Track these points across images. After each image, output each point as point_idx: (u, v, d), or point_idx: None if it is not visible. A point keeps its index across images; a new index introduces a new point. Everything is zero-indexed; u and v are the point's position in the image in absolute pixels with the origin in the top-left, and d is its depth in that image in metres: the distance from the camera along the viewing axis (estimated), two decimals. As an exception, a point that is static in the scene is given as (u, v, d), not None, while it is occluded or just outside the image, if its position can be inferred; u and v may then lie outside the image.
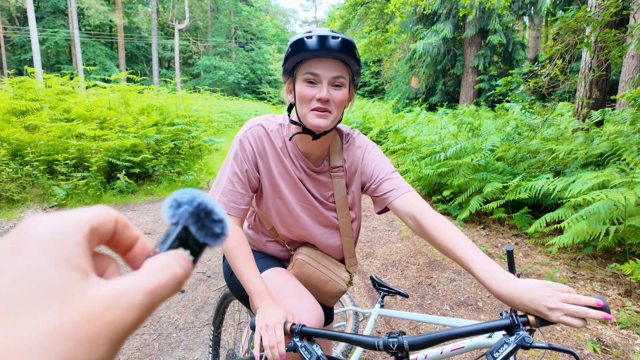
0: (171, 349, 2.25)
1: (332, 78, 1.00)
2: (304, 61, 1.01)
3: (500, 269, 0.80)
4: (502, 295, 0.75)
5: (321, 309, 1.10)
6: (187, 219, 0.28)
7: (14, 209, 4.96)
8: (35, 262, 0.19)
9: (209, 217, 0.28)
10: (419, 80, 14.35)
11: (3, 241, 0.20)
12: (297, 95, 1.03)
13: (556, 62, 4.24)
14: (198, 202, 0.28)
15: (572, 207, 3.16)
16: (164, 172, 6.71)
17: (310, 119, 1.02)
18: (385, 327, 2.39)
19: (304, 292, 1.13)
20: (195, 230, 0.28)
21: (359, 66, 1.05)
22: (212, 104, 15.96)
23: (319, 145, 1.12)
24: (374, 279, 1.95)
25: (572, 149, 3.79)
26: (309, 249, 1.25)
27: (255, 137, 1.12)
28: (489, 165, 4.31)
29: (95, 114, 6.79)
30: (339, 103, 1.03)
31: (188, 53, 36.33)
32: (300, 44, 0.97)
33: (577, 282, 2.77)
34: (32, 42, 20.58)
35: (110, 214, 0.25)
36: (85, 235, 0.22)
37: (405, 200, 1.05)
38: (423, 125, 7.80)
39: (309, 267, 1.20)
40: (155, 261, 0.24)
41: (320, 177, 1.17)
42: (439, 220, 0.96)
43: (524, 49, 13.03)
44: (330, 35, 0.96)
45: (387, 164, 1.15)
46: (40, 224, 0.21)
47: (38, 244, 0.20)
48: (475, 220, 4.05)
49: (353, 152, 1.18)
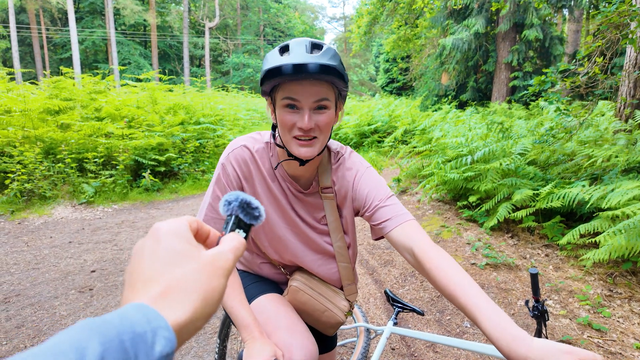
0: (181, 356, 2.23)
1: (313, 102, 0.91)
2: (282, 84, 0.91)
3: (511, 323, 0.67)
4: (511, 357, 0.63)
5: (315, 344, 1.03)
6: (237, 210, 0.45)
7: (46, 206, 5.16)
8: (171, 243, 0.36)
9: (249, 206, 0.45)
10: (449, 77, 13.91)
11: (148, 237, 0.37)
12: (278, 121, 0.95)
13: (596, 60, 3.94)
14: (240, 198, 0.45)
15: (609, 218, 2.91)
16: (188, 170, 6.81)
17: (294, 147, 0.94)
18: (400, 343, 2.28)
19: (297, 324, 1.05)
20: (243, 217, 0.45)
21: (345, 81, 0.94)
22: (240, 101, 16.13)
23: (307, 168, 1.05)
24: (388, 293, 1.84)
25: (611, 154, 3.51)
26: (305, 274, 1.17)
27: (239, 160, 1.04)
28: (519, 170, 4.07)
29: (124, 112, 6.98)
30: (324, 127, 0.94)
31: (218, 51, 36.96)
32: (276, 69, 0.87)
33: (614, 300, 2.55)
34: (71, 41, 21.56)
35: (193, 219, 0.41)
36: (187, 228, 0.39)
37: (403, 232, 0.94)
38: (451, 124, 7.54)
39: (304, 294, 1.12)
40: (226, 238, 0.41)
41: (309, 199, 1.10)
42: (442, 259, 0.85)
43: (562, 43, 12.34)
44: (306, 62, 0.85)
45: (382, 188, 1.04)
46: (164, 224, 0.37)
47: (169, 234, 0.36)
48: (503, 228, 3.83)
49: (343, 174, 1.08)
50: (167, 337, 0.28)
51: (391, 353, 2.18)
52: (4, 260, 3.56)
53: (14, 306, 2.76)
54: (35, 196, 5.23)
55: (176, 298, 0.32)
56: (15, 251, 3.80)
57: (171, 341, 0.28)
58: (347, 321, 2.14)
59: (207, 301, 0.33)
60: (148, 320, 0.28)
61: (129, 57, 28.50)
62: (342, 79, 0.92)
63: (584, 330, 2.27)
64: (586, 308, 2.49)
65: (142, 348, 0.26)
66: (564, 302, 2.58)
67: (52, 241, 4.11)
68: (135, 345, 0.26)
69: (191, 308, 0.32)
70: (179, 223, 0.38)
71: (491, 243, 3.51)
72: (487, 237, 3.66)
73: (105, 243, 4.05)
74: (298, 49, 0.88)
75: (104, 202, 5.54)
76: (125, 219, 4.93)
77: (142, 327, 0.27)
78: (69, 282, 3.14)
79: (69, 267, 3.43)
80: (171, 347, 0.28)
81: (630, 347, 2.10)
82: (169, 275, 0.33)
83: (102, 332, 0.25)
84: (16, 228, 4.49)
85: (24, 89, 7.71)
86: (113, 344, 0.25)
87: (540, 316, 1.27)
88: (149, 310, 0.29)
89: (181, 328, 0.30)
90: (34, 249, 3.87)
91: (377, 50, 27.67)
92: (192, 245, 0.37)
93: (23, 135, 5.59)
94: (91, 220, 4.90)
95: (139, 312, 0.29)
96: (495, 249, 3.38)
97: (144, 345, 0.27)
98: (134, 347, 0.26)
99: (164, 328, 0.29)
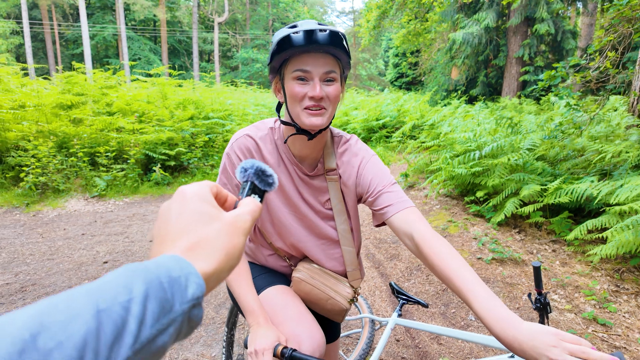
0: (190, 345, 2.29)
1: (323, 73, 0.94)
2: (292, 58, 0.94)
3: (502, 307, 0.70)
4: (501, 338, 0.67)
5: (322, 334, 1.05)
6: (252, 176, 0.49)
7: (59, 198, 5.27)
8: (197, 205, 0.39)
9: (264, 174, 0.50)
10: (459, 72, 13.77)
11: (174, 199, 0.40)
12: (288, 94, 0.97)
13: (607, 54, 3.88)
14: (256, 166, 0.50)
15: (618, 214, 2.90)
16: (198, 165, 6.88)
17: (304, 118, 0.96)
18: (405, 335, 2.31)
19: (304, 314, 1.08)
20: (258, 183, 0.49)
21: (349, 58, 0.99)
22: (248, 96, 16.18)
23: (314, 146, 1.07)
24: (393, 286, 1.87)
25: (621, 150, 3.47)
26: (308, 264, 1.19)
27: (242, 149, 1.08)
28: (527, 166, 4.05)
29: (134, 107, 7.08)
30: (333, 99, 0.97)
31: (227, 46, 37.03)
32: (287, 40, 0.90)
33: (620, 296, 2.54)
34: (83, 37, 21.80)
35: (213, 184, 0.44)
36: (209, 192, 0.42)
37: (404, 218, 0.96)
38: (460, 119, 7.48)
39: (306, 285, 1.14)
40: (244, 202, 0.45)
41: (314, 182, 1.12)
42: (440, 245, 0.87)
43: (574, 37, 12.11)
44: (317, 28, 0.90)
45: (386, 175, 1.06)
46: (189, 188, 0.41)
47: (193, 197, 0.40)
48: (510, 224, 3.83)
49: (349, 159, 1.11)
50: (198, 282, 0.33)
51: (395, 344, 2.21)
52: (20, 251, 3.67)
53: (30, 295, 2.85)
54: (49, 189, 5.35)
55: (203, 252, 0.36)
56: (31, 242, 3.91)
57: (201, 286, 0.33)
58: (352, 312, 2.17)
59: (230, 256, 0.37)
60: (181, 268, 0.32)
61: (139, 52, 28.71)
62: (347, 55, 0.96)
63: (588, 325, 2.28)
64: (592, 303, 2.49)
65: (177, 289, 0.31)
66: (569, 297, 2.58)
67: (65, 233, 4.21)
68: (171, 286, 0.31)
69: (216, 261, 0.36)
70: (202, 187, 0.42)
71: (498, 238, 3.51)
72: (494, 232, 3.66)
73: (117, 235, 4.14)
74: (307, 23, 0.92)
75: (115, 195, 5.64)
76: (136, 212, 5.02)
77: (176, 273, 0.32)
78: (82, 273, 3.23)
79: (82, 258, 3.52)
80: (201, 291, 0.33)
81: (635, 341, 2.10)
82: (195, 233, 0.37)
83: (144, 274, 0.30)
84: (31, 220, 4.61)
85: (38, 84, 7.85)
86: (154, 284, 0.29)
87: (542, 308, 1.29)
88: (181, 260, 0.33)
89: (208, 277, 0.35)
90: (48, 240, 3.98)
91: (387, 44, 27.46)
92: (214, 207, 0.40)
93: (37, 130, 5.71)
94: (103, 213, 5.01)
95: (174, 261, 0.33)
96: (501, 244, 3.38)
97: (178, 287, 0.31)
98: (171, 288, 0.30)
99: (195, 274, 0.33)
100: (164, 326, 0.29)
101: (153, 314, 0.28)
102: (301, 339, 0.99)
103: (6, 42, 25.57)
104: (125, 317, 0.27)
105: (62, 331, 0.24)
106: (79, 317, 0.25)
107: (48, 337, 0.23)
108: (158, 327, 0.28)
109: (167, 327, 0.29)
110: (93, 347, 0.24)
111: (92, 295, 0.27)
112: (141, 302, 0.28)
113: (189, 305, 0.31)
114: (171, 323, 0.30)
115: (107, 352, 0.25)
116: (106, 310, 0.26)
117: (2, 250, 3.66)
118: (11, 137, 5.56)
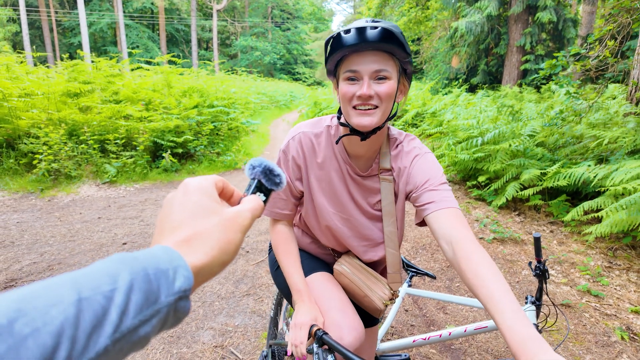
0: (214, 315, 2.47)
1: (373, 72, 0.92)
2: (345, 58, 0.94)
3: (529, 327, 0.63)
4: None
5: (362, 326, 1.08)
6: (259, 175, 0.48)
7: (72, 185, 5.42)
8: (198, 198, 0.40)
9: (272, 173, 0.49)
10: (460, 60, 13.83)
11: (178, 191, 0.42)
12: (340, 95, 0.98)
13: (607, 43, 4.01)
14: (264, 165, 0.49)
15: (612, 196, 3.07)
16: (204, 152, 7.02)
17: (353, 118, 0.96)
18: (413, 306, 2.50)
19: (347, 305, 1.11)
20: (265, 182, 0.49)
21: (408, 54, 0.94)
22: (249, 85, 16.21)
23: (369, 146, 1.05)
24: (403, 260, 2.04)
25: (618, 136, 3.63)
26: (351, 258, 1.20)
27: (297, 147, 1.09)
28: (527, 151, 4.21)
29: (140, 95, 7.18)
30: (385, 97, 0.94)
31: (225, 34, 36.75)
32: (338, 40, 0.91)
33: (613, 271, 2.73)
34: (81, 25, 21.59)
35: (220, 178, 0.45)
36: (213, 186, 0.43)
37: (444, 219, 0.91)
38: (462, 107, 7.61)
39: (345, 278, 1.17)
40: (247, 199, 0.45)
41: (367, 183, 1.11)
42: (479, 253, 0.81)
43: (575, 26, 12.16)
44: (368, 26, 0.88)
45: (437, 173, 1.02)
46: (193, 181, 0.42)
47: (197, 190, 0.41)
48: (510, 207, 4.00)
49: (402, 158, 1.08)
50: (186, 275, 0.33)
51: (405, 314, 2.40)
52: (41, 233, 3.83)
53: (57, 273, 3.02)
54: (61, 175, 5.49)
55: (197, 245, 0.37)
56: (50, 225, 4.06)
57: (189, 279, 0.33)
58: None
59: (223, 251, 0.38)
60: (171, 260, 0.33)
61: (137, 40, 28.53)
62: (404, 49, 0.92)
63: (583, 296, 2.46)
64: (586, 277, 2.68)
65: (164, 282, 0.32)
66: (565, 272, 2.77)
67: (82, 217, 4.37)
68: (158, 278, 0.31)
69: (209, 255, 0.37)
70: (207, 181, 0.42)
71: (499, 220, 3.69)
72: (495, 215, 3.84)
73: (132, 219, 4.30)
74: (358, 22, 0.91)
75: (125, 181, 5.79)
76: (147, 197, 5.18)
77: (165, 265, 0.32)
78: (104, 253, 3.39)
79: (102, 240, 3.68)
80: (189, 284, 0.33)
81: (625, 310, 2.29)
82: (193, 226, 0.38)
83: (131, 265, 0.31)
84: (47, 205, 4.77)
85: (44, 72, 7.92)
86: (140, 275, 0.30)
87: (541, 275, 1.46)
88: (172, 252, 0.34)
89: (199, 270, 0.35)
90: (66, 223, 4.14)
91: (387, 32, 27.29)
92: (216, 201, 0.41)
93: (47, 118, 5.82)
94: (115, 198, 5.16)
95: (164, 253, 0.34)
96: (502, 225, 3.56)
97: (165, 279, 0.32)
98: (157, 280, 0.31)
99: (184, 268, 0.34)
100: (147, 317, 0.29)
101: (136, 305, 0.29)
102: (342, 330, 1.02)
103: (3, 29, 25.38)
104: (107, 307, 0.27)
105: (39, 318, 0.24)
106: (59, 305, 0.25)
107: (24, 322, 0.23)
108: (141, 317, 0.29)
109: (150, 318, 0.30)
110: (70, 334, 0.24)
111: (75, 283, 0.27)
112: (125, 292, 0.28)
113: (175, 297, 0.32)
114: (155, 314, 0.30)
115: (84, 340, 0.25)
116: (88, 299, 0.26)
117: (24, 233, 3.82)
118: (22, 125, 5.68)
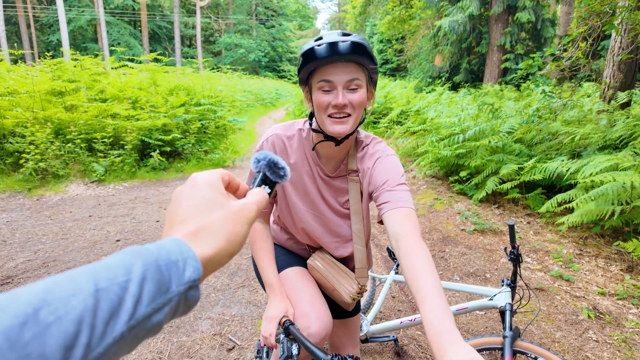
0: (211, 306, 2.58)
1: (347, 82, 0.99)
2: (318, 69, 1.00)
3: (446, 320, 0.66)
4: (435, 354, 0.64)
5: (330, 317, 1.17)
6: (264, 168, 0.50)
7: (60, 184, 5.41)
8: (205, 192, 0.41)
9: (276, 166, 0.51)
10: (443, 59, 14.12)
11: (186, 185, 0.42)
12: (314, 104, 1.03)
13: (579, 45, 4.25)
14: (269, 158, 0.51)
15: (583, 188, 3.29)
16: (192, 150, 7.06)
17: (328, 126, 1.02)
18: (399, 293, 2.65)
19: (316, 297, 1.20)
20: (270, 174, 0.51)
21: (375, 64, 1.03)
22: (235, 83, 16.20)
23: (340, 150, 1.13)
24: (390, 250, 2.19)
25: (589, 132, 3.87)
26: (324, 254, 1.29)
27: (270, 148, 1.16)
28: (506, 147, 4.43)
29: (127, 94, 7.16)
30: (357, 105, 1.01)
31: (209, 31, 36.42)
32: (311, 52, 0.96)
33: (583, 258, 2.94)
34: (60, 21, 21.08)
35: (226, 172, 0.46)
36: (220, 180, 0.44)
37: (395, 217, 0.96)
38: (445, 106, 7.84)
39: (316, 272, 1.26)
40: (253, 192, 0.47)
41: (335, 183, 1.19)
42: (418, 249, 0.84)
43: (553, 26, 12.59)
44: (339, 40, 0.94)
45: (397, 174, 1.07)
46: (201, 175, 0.43)
47: (204, 184, 0.42)
48: (490, 200, 4.21)
49: (366, 160, 1.15)
50: (195, 266, 0.35)
51: (392, 300, 2.55)
52: (32, 231, 3.85)
53: (53, 270, 3.08)
54: (49, 174, 5.47)
55: (205, 237, 0.38)
56: (41, 224, 4.08)
57: (198, 269, 0.35)
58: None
59: (230, 242, 0.39)
60: (181, 251, 0.35)
61: (119, 37, 28.00)
62: (372, 60, 1.00)
63: (555, 281, 2.66)
64: (559, 264, 2.89)
65: (175, 272, 0.33)
66: (540, 259, 2.97)
67: (72, 215, 4.39)
68: (169, 269, 0.33)
69: (217, 246, 0.38)
70: (213, 175, 0.44)
71: (479, 212, 3.89)
72: (475, 208, 4.04)
73: (123, 217, 4.35)
74: (330, 35, 0.98)
75: (114, 180, 5.80)
76: (137, 196, 5.22)
77: (175, 256, 0.34)
78: (98, 250, 3.45)
79: (95, 237, 3.73)
80: (198, 274, 0.35)
81: (593, 292, 2.50)
82: (201, 219, 0.39)
83: (144, 256, 0.32)
84: (36, 204, 4.76)
85: (25, 70, 7.81)
86: (152, 266, 0.32)
87: (515, 259, 1.62)
88: (182, 244, 0.36)
89: (207, 261, 0.37)
90: (57, 222, 4.16)
91: (371, 30, 27.57)
92: (222, 195, 0.42)
93: (32, 117, 5.78)
94: (105, 197, 5.18)
95: (175, 245, 0.35)
96: (482, 217, 3.76)
97: (176, 270, 0.33)
98: (168, 271, 0.33)
99: (193, 259, 0.35)
100: (160, 305, 0.31)
101: (149, 294, 0.31)
102: (310, 319, 1.12)
103: (-22, 25, 24.56)
104: (123, 296, 0.29)
105: (62, 307, 0.26)
106: (79, 295, 0.27)
107: (48, 311, 0.25)
108: (154, 306, 0.31)
109: (162, 307, 0.32)
110: (89, 322, 0.26)
111: (93, 274, 0.29)
112: (139, 283, 0.30)
113: (185, 287, 0.33)
114: (167, 303, 0.32)
115: (103, 327, 0.27)
116: (105, 289, 0.28)
117: (15, 232, 3.84)
118: (7, 124, 5.63)
